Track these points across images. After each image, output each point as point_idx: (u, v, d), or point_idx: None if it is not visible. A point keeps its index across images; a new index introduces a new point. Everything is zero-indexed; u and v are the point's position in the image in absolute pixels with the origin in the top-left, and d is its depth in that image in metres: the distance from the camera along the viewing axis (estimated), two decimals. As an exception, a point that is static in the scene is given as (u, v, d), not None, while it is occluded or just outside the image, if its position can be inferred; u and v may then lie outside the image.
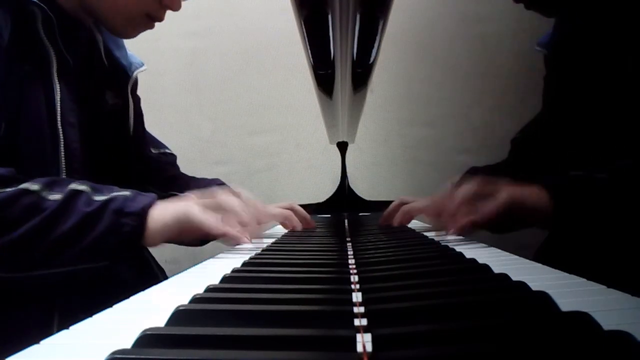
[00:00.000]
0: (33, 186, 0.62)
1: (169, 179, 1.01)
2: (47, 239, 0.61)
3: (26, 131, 0.67)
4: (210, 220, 0.68)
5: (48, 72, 0.71)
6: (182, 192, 0.88)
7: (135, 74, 0.91)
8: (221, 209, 0.72)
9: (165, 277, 0.83)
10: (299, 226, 0.89)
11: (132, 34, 0.82)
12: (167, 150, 1.07)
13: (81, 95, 0.77)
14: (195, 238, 0.73)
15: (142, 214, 0.65)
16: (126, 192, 0.67)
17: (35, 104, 0.69)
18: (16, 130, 0.66)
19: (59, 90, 0.71)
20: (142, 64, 0.93)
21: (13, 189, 0.61)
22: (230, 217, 0.72)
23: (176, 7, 0.80)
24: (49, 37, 0.71)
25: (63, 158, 0.70)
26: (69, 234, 0.62)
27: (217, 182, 1.00)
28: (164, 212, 0.67)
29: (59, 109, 0.71)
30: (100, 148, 0.81)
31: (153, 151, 1.04)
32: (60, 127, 0.71)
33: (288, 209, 0.92)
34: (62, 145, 0.71)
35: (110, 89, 0.86)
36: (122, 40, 0.90)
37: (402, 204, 0.89)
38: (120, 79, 0.89)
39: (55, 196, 0.63)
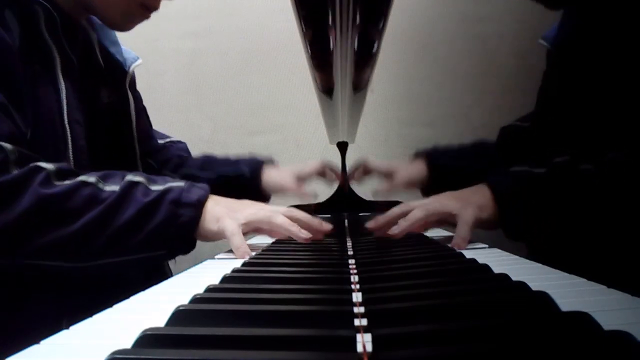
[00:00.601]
0: (89, 178, 0.63)
1: (181, 163, 1.02)
2: (107, 229, 0.62)
3: (40, 130, 0.68)
4: (240, 249, 0.66)
5: (53, 71, 0.71)
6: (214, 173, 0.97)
7: (131, 69, 0.91)
8: (271, 227, 0.70)
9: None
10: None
11: (128, 26, 0.80)
12: (173, 139, 1.08)
13: (82, 94, 0.77)
14: None
15: (197, 206, 0.66)
16: (180, 183, 0.68)
17: (46, 103, 0.69)
18: (32, 130, 0.67)
19: (64, 88, 0.71)
20: (138, 58, 0.92)
21: (72, 181, 0.62)
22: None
23: None
24: (52, 36, 0.71)
25: (71, 156, 0.71)
26: (129, 223, 0.63)
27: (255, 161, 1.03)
28: (215, 217, 0.67)
29: (65, 107, 0.71)
30: (102, 146, 0.81)
31: (160, 142, 1.04)
32: (67, 124, 0.71)
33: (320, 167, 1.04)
34: (69, 143, 0.71)
35: (106, 87, 0.86)
36: (116, 36, 0.89)
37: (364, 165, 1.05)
38: (116, 76, 0.88)
39: (112, 187, 0.64)
